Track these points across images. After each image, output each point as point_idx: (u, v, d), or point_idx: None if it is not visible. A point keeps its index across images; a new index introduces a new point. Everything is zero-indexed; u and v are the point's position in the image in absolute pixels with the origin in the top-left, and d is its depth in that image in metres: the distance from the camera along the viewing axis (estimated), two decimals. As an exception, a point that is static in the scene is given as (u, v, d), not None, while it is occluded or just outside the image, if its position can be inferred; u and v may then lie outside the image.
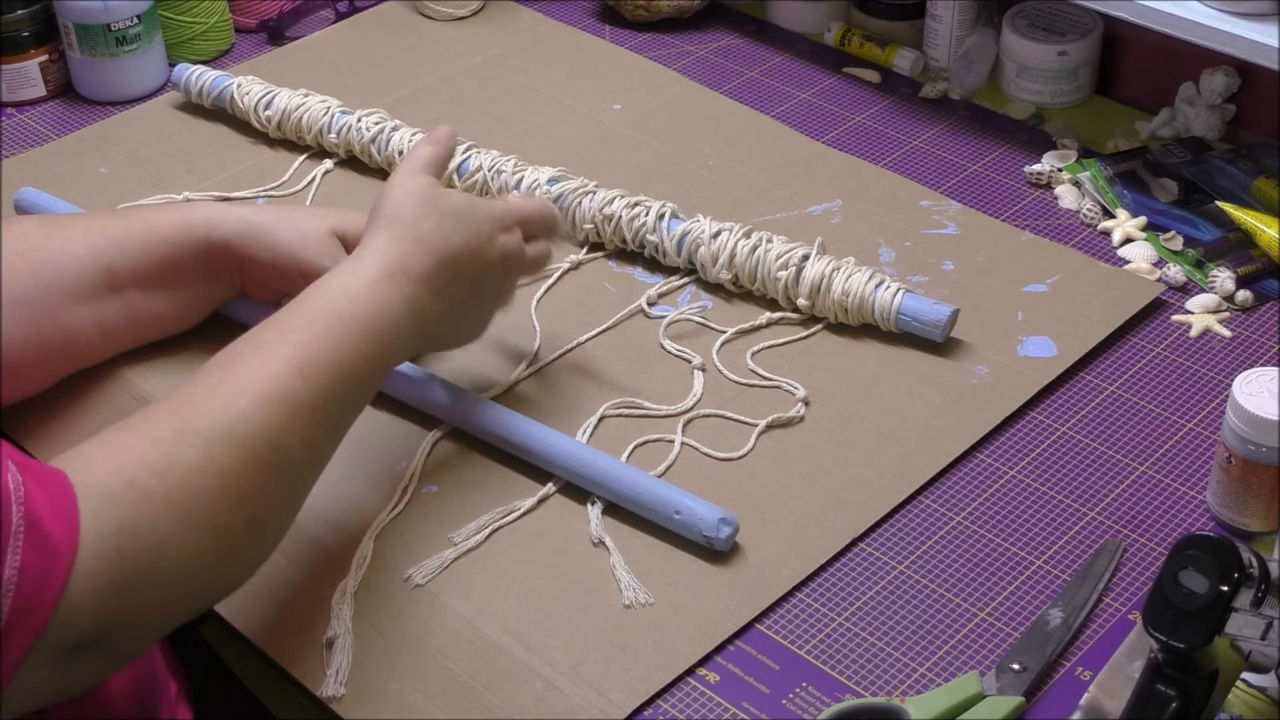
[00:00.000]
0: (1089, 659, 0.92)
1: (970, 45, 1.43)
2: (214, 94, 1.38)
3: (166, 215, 1.07)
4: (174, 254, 1.06)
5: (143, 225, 1.06)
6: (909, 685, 0.90)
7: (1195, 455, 1.05)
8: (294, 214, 1.08)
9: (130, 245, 1.05)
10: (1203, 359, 1.13)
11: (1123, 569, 0.97)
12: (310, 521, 0.99)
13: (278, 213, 1.08)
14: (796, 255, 1.15)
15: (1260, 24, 1.17)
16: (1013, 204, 1.29)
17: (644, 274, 1.20)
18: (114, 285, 1.05)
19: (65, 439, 1.07)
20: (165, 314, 1.09)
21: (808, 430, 1.07)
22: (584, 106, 1.41)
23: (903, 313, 1.11)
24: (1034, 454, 1.05)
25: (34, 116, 1.44)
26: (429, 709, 0.89)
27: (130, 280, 1.06)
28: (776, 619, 0.94)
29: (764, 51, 1.50)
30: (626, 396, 1.09)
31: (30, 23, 1.42)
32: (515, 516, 1.00)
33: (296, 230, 1.06)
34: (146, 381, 1.10)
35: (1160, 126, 1.36)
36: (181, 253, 1.06)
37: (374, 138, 1.30)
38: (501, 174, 1.25)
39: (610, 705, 0.89)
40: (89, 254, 1.04)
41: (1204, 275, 1.20)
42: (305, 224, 1.07)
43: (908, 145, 1.36)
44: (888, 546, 0.99)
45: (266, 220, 1.07)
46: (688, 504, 0.97)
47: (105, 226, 1.06)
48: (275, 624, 0.94)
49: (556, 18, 1.55)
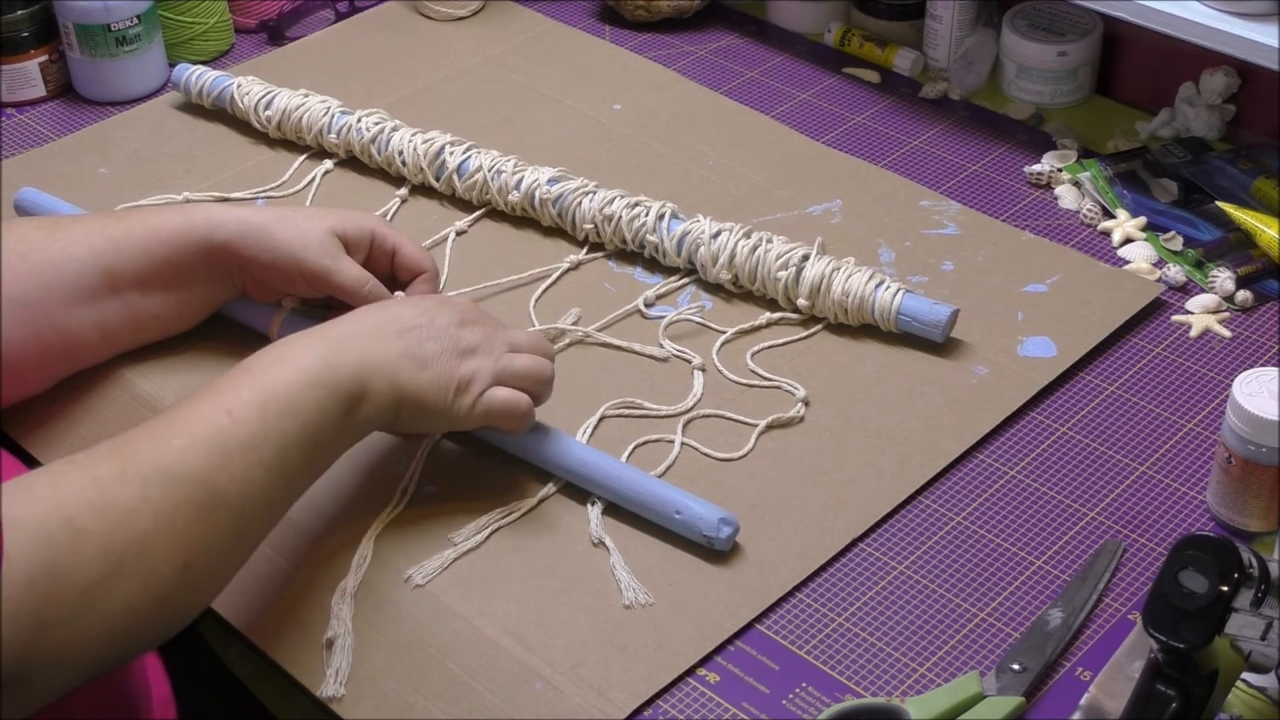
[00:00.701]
0: (1089, 659, 0.92)
1: (970, 45, 1.43)
2: (214, 94, 1.38)
3: (166, 217, 1.07)
4: (174, 255, 1.06)
5: (142, 227, 1.06)
6: (909, 685, 0.90)
7: (1195, 455, 1.05)
8: (294, 214, 1.08)
9: (130, 247, 1.05)
10: (1203, 359, 1.13)
11: (1123, 569, 0.97)
12: (310, 521, 0.99)
13: (277, 213, 1.08)
14: (796, 255, 1.15)
15: (1260, 24, 1.17)
16: (1013, 204, 1.29)
17: (644, 274, 1.20)
18: (114, 287, 1.05)
19: (65, 439, 1.07)
20: (165, 315, 1.09)
21: (808, 430, 1.07)
22: (584, 106, 1.41)
23: (903, 313, 1.11)
24: (1034, 454, 1.05)
25: (34, 116, 1.44)
26: (429, 709, 0.89)
27: (130, 282, 1.06)
28: (776, 619, 0.94)
29: (764, 51, 1.50)
30: (626, 396, 1.09)
31: (30, 23, 1.42)
32: (515, 516, 1.00)
33: (297, 230, 1.06)
34: (146, 381, 1.10)
35: (1160, 126, 1.36)
36: (181, 254, 1.06)
37: (374, 138, 1.30)
38: (501, 174, 1.25)
39: (610, 705, 0.89)
40: (89, 255, 1.04)
41: (1204, 275, 1.20)
42: (305, 224, 1.07)
43: (908, 145, 1.36)
44: (888, 546, 0.99)
45: (266, 220, 1.07)
46: (688, 504, 0.97)
47: (105, 228, 1.06)
48: (275, 624, 0.94)
49: (556, 18, 1.55)
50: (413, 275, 1.09)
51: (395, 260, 1.09)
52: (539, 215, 1.24)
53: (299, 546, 0.98)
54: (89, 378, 1.09)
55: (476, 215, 1.27)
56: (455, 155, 1.27)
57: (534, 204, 1.24)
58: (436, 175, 1.28)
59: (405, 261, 1.09)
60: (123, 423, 1.07)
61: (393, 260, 1.09)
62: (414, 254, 1.10)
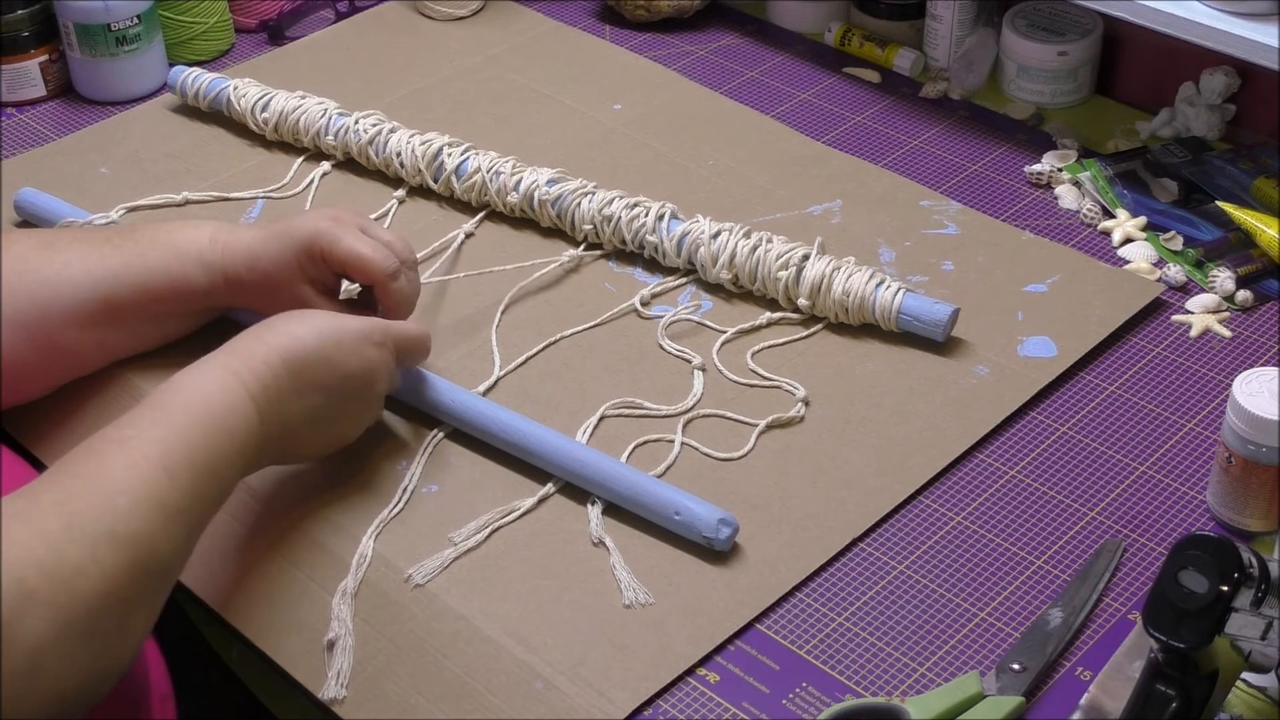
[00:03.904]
0: (1089, 659, 0.92)
1: (970, 45, 1.43)
2: (210, 97, 1.38)
3: (159, 256, 1.06)
4: (171, 293, 1.07)
5: (140, 264, 1.06)
6: (909, 685, 0.90)
7: (1195, 455, 1.05)
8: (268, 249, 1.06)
9: (130, 281, 1.05)
10: (1203, 359, 1.13)
11: (1123, 569, 0.97)
12: (310, 521, 0.99)
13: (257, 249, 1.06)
14: (796, 255, 1.15)
15: (1260, 24, 1.17)
16: (1013, 204, 1.29)
17: (644, 274, 1.20)
18: (115, 317, 1.06)
19: (66, 440, 1.07)
20: (171, 332, 1.10)
21: (808, 430, 1.07)
22: (584, 106, 1.41)
23: (903, 312, 1.11)
24: (1034, 454, 1.05)
25: (34, 116, 1.44)
26: (429, 710, 0.89)
27: (131, 313, 1.06)
28: (776, 619, 0.94)
29: (764, 51, 1.50)
30: (626, 396, 1.09)
31: (30, 23, 1.42)
32: (515, 516, 1.00)
33: (271, 298, 1.05)
34: (146, 382, 1.10)
35: (1160, 126, 1.36)
36: (178, 293, 1.07)
37: (371, 139, 1.30)
38: (500, 175, 1.25)
39: (610, 705, 0.89)
40: (89, 282, 1.04)
41: (1204, 275, 1.20)
42: (277, 280, 1.06)
43: (908, 145, 1.36)
44: (888, 546, 0.99)
45: (253, 257, 1.06)
46: (687, 505, 0.97)
47: (103, 258, 1.05)
48: (276, 625, 0.94)
49: (556, 18, 1.55)
50: (367, 282, 1.06)
51: (346, 270, 1.06)
52: (538, 216, 1.24)
53: (299, 547, 0.98)
54: (89, 378, 1.09)
55: (480, 218, 1.26)
56: (453, 156, 1.27)
57: (533, 205, 1.24)
58: (435, 177, 1.28)
59: (354, 270, 1.05)
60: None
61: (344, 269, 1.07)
62: (358, 260, 1.04)
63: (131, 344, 1.09)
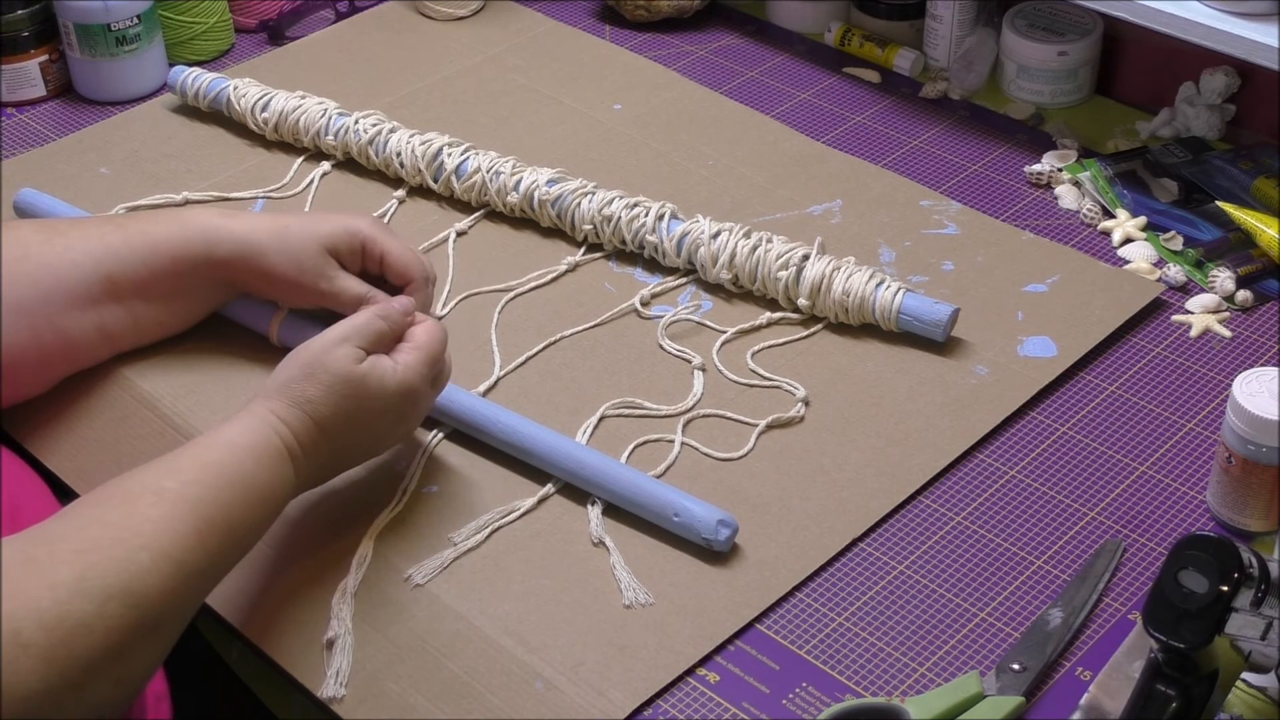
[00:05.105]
0: (1089, 659, 0.92)
1: (970, 45, 1.43)
2: (209, 97, 1.38)
3: (165, 229, 1.07)
4: (173, 268, 1.06)
5: (142, 238, 1.06)
6: (909, 685, 0.90)
7: (1195, 455, 1.05)
8: (287, 231, 1.07)
9: (131, 257, 1.05)
10: (1203, 359, 1.13)
11: (1123, 569, 0.97)
12: (310, 521, 0.99)
13: (272, 229, 1.07)
14: (796, 255, 1.15)
15: (1260, 24, 1.17)
16: (1013, 204, 1.29)
17: (644, 274, 1.20)
18: (116, 294, 1.05)
19: (65, 440, 1.07)
20: (167, 320, 1.09)
21: (808, 430, 1.07)
22: (584, 106, 1.41)
23: (903, 312, 1.11)
24: (1034, 454, 1.05)
25: (34, 116, 1.44)
26: (429, 709, 0.89)
27: (132, 290, 1.06)
28: (776, 619, 0.94)
29: (764, 51, 1.50)
30: (626, 396, 1.09)
31: (30, 23, 1.42)
32: (515, 516, 1.00)
33: (290, 255, 1.06)
34: (146, 381, 1.10)
35: (1160, 126, 1.36)
36: (180, 267, 1.06)
37: (371, 139, 1.30)
38: (500, 175, 1.25)
39: (610, 705, 0.89)
40: (89, 262, 1.04)
41: (1204, 275, 1.20)
42: (299, 247, 1.06)
43: (908, 145, 1.36)
44: (888, 546, 0.99)
45: (262, 240, 1.06)
46: (686, 506, 0.97)
47: (103, 235, 1.05)
48: (275, 624, 0.94)
49: (556, 18, 1.55)
50: (403, 280, 1.08)
51: (384, 265, 1.08)
52: (538, 216, 1.24)
53: (299, 546, 0.98)
54: (89, 378, 1.09)
55: (476, 216, 1.27)
56: (453, 156, 1.27)
57: (533, 205, 1.24)
58: (435, 177, 1.28)
59: (394, 266, 1.08)
60: (123, 423, 1.07)
61: (381, 265, 1.09)
62: (401, 259, 1.08)
63: (132, 329, 1.08)
